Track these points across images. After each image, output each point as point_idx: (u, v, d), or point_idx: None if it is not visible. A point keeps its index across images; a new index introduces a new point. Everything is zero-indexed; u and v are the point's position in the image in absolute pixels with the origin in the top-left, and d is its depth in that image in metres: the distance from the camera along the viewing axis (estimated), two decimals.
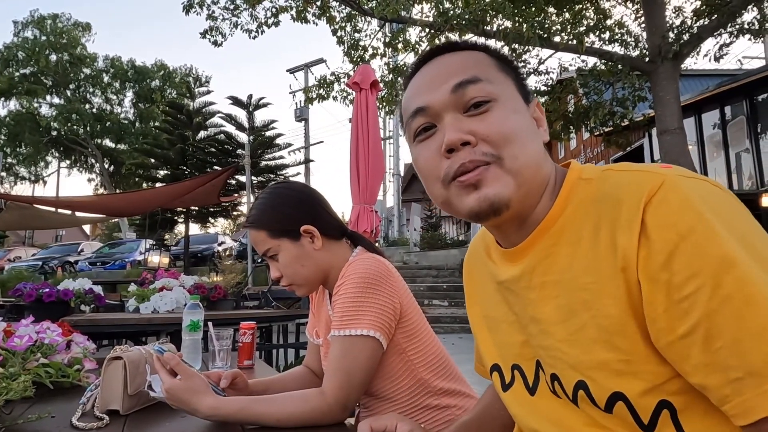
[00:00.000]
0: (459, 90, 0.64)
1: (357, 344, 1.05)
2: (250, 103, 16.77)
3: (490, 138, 0.62)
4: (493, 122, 0.63)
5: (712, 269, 0.50)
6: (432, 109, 0.66)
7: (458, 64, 0.67)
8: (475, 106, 0.64)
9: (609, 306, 0.57)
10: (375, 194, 4.44)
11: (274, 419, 0.97)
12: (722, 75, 11.96)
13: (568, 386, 0.63)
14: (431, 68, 0.69)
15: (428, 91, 0.67)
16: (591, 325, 0.59)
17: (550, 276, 0.64)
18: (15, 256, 18.69)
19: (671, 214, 0.53)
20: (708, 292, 0.50)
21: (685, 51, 7.09)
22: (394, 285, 1.12)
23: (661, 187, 0.55)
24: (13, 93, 25.80)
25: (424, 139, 0.68)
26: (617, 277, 0.56)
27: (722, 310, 0.49)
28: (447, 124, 0.64)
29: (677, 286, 0.52)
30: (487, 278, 0.78)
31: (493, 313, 0.77)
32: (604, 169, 0.64)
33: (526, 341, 0.70)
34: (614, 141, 10.04)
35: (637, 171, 0.59)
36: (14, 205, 9.76)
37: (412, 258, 13.93)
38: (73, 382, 1.20)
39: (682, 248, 0.51)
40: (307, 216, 1.19)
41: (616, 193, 0.58)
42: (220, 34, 8.82)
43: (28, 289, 2.86)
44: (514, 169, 0.62)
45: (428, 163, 0.67)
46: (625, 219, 0.56)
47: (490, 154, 0.62)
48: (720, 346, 0.49)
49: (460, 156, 0.63)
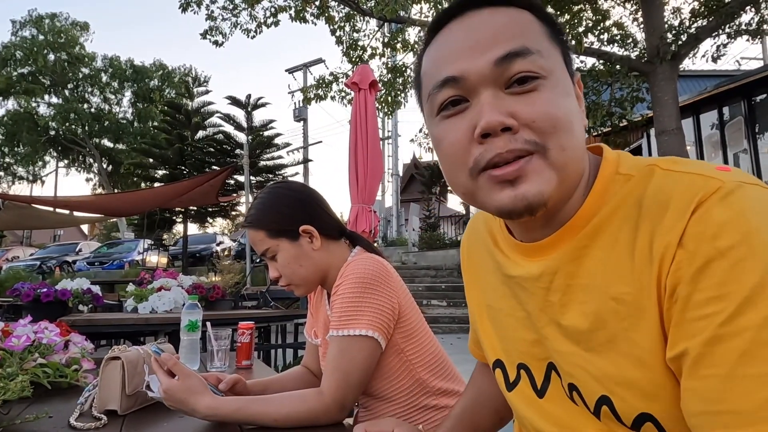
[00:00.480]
0: (504, 63, 0.53)
1: (355, 344, 1.05)
2: (249, 102, 16.77)
3: (537, 124, 0.52)
4: (541, 104, 0.53)
5: (740, 297, 0.44)
6: (468, 80, 0.54)
7: (504, 28, 0.55)
8: (520, 82, 0.53)
9: (646, 321, 0.51)
10: (374, 194, 4.44)
11: (272, 419, 0.97)
12: (720, 76, 11.99)
13: (589, 399, 0.58)
14: (468, 26, 0.56)
15: (464, 57, 0.55)
16: (622, 338, 0.53)
17: (579, 279, 0.57)
18: (13, 256, 18.66)
19: (716, 226, 0.46)
20: (723, 317, 0.44)
21: (683, 52, 7.10)
22: (393, 285, 1.12)
23: (714, 194, 0.48)
24: (11, 92, 25.76)
25: (451, 114, 0.56)
26: (652, 289, 0.50)
27: (729, 340, 0.44)
28: (485, 103, 0.53)
29: (696, 304, 0.46)
30: (491, 267, 0.72)
31: (498, 305, 0.71)
32: (648, 164, 0.56)
33: (537, 341, 0.64)
34: (613, 141, 10.05)
35: (690, 173, 0.51)
36: (12, 204, 9.74)
37: (411, 258, 13.94)
38: (71, 382, 1.20)
39: (716, 265, 0.45)
40: (306, 216, 1.19)
41: (662, 196, 0.51)
42: (220, 34, 8.81)
43: (25, 288, 2.86)
44: (560, 163, 0.53)
45: (455, 146, 0.56)
46: (667, 225, 0.49)
47: (534, 143, 0.52)
48: (711, 374, 0.45)
49: (497, 143, 0.53)
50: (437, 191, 20.67)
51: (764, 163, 9.55)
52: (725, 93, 9.78)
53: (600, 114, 8.43)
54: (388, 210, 23.28)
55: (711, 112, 10.50)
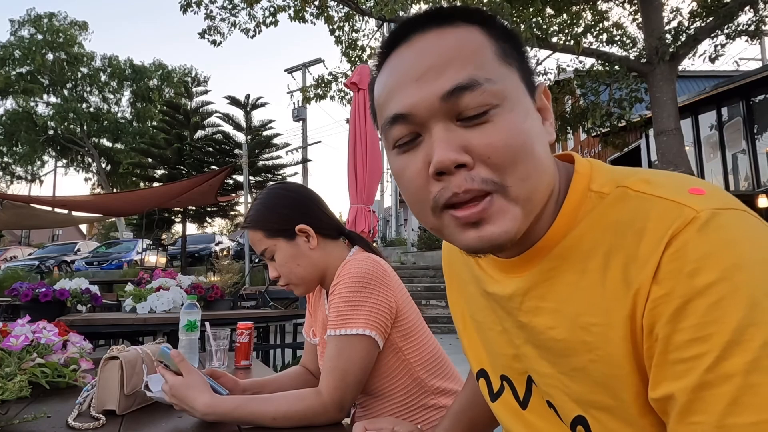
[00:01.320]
0: (452, 98, 0.50)
1: (352, 343, 1.06)
2: (248, 102, 16.77)
3: (492, 159, 0.50)
4: (496, 136, 0.50)
5: (724, 339, 0.42)
6: (417, 117, 0.52)
7: (450, 56, 0.52)
8: (471, 116, 0.51)
9: (613, 355, 0.50)
10: (372, 194, 4.44)
11: (270, 418, 0.97)
12: (719, 76, 12.01)
13: (565, 417, 0.58)
14: (414, 53, 0.53)
15: (411, 91, 0.52)
16: (592, 369, 0.52)
17: (547, 303, 0.56)
18: (11, 256, 18.63)
19: (693, 261, 0.44)
20: (708, 362, 0.42)
21: (682, 52, 7.12)
22: (390, 284, 1.13)
23: (689, 224, 0.46)
24: (9, 92, 25.71)
25: (406, 150, 0.54)
26: (624, 323, 0.49)
27: (717, 387, 0.42)
28: (436, 139, 0.51)
29: (677, 347, 0.44)
30: (471, 280, 0.71)
31: (480, 317, 0.70)
32: (619, 183, 0.53)
33: (516, 356, 0.64)
34: (611, 142, 10.06)
35: (663, 198, 0.49)
36: (11, 204, 9.73)
37: (410, 258, 13.94)
38: (70, 382, 1.20)
39: (696, 305, 0.43)
40: (302, 215, 1.19)
41: (636, 223, 0.49)
42: (218, 33, 8.81)
43: (24, 288, 2.85)
44: (523, 196, 0.51)
45: (413, 183, 0.54)
46: (641, 258, 0.47)
47: (491, 182, 0.50)
48: (699, 421, 0.43)
49: (454, 182, 0.50)
50: None
51: (762, 164, 9.57)
52: (724, 93, 9.79)
53: (599, 114, 8.44)
54: (387, 210, 23.29)
55: (710, 112, 10.52)
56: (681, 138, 7.04)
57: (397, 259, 14.18)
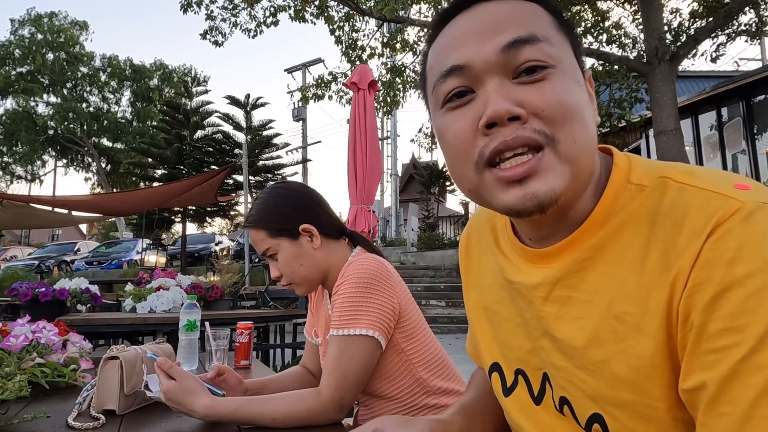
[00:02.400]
0: (511, 50, 0.51)
1: (355, 344, 1.05)
2: (248, 102, 16.77)
3: (546, 112, 0.50)
4: (551, 93, 0.50)
5: (760, 330, 0.41)
6: (473, 69, 0.52)
7: (510, 16, 0.53)
8: (529, 72, 0.51)
9: (645, 345, 0.49)
10: (372, 194, 4.44)
11: (270, 419, 0.97)
12: (719, 76, 12.01)
13: (581, 416, 0.56)
14: (473, 16, 0.54)
15: (470, 44, 0.52)
16: (619, 360, 0.51)
17: (578, 293, 0.55)
18: (11, 256, 18.63)
19: (734, 250, 0.44)
20: (742, 352, 0.42)
21: (682, 53, 7.11)
22: (393, 285, 1.13)
23: (734, 215, 0.45)
24: (9, 92, 25.71)
25: (456, 106, 0.54)
26: (660, 312, 0.48)
27: (748, 378, 0.42)
28: (491, 91, 0.51)
29: (711, 335, 0.44)
30: (492, 268, 0.70)
31: (496, 308, 0.69)
32: (661, 174, 0.53)
33: (533, 350, 0.62)
34: (611, 142, 10.07)
35: (707, 190, 0.48)
36: (10, 204, 9.73)
37: (410, 258, 13.95)
38: (69, 382, 1.20)
39: (733, 294, 0.43)
40: (305, 215, 1.19)
41: (676, 214, 0.48)
42: (220, 34, 8.81)
43: (24, 288, 2.85)
44: (572, 155, 0.50)
45: (459, 138, 0.53)
46: (681, 246, 0.47)
47: (543, 133, 0.50)
48: (728, 412, 0.43)
49: (504, 132, 0.50)
50: (436, 191, 20.69)
51: (762, 164, 9.57)
52: (724, 94, 9.79)
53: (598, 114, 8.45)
54: (387, 210, 23.29)
55: (710, 112, 10.51)
56: (681, 138, 7.04)
57: (397, 259, 14.18)
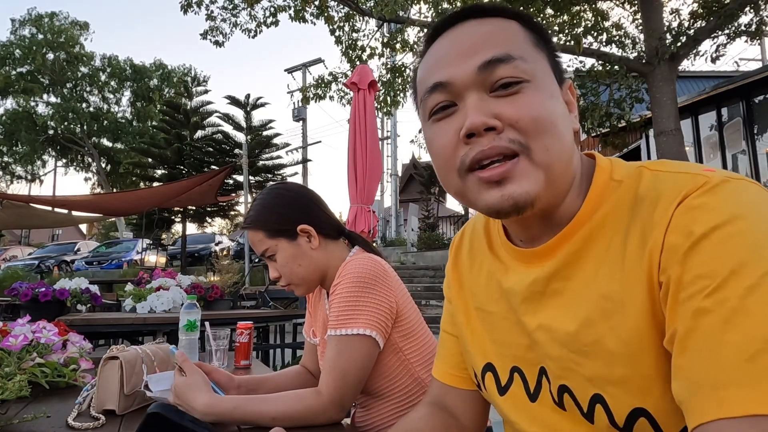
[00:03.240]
0: (488, 68, 0.56)
1: (353, 343, 1.06)
2: (248, 102, 16.77)
3: (520, 123, 0.55)
4: (525, 105, 0.55)
5: (726, 271, 0.45)
6: (454, 85, 0.58)
7: (488, 37, 0.58)
8: (504, 87, 0.56)
9: (630, 317, 0.52)
10: (372, 194, 4.44)
11: (270, 418, 0.97)
12: (719, 77, 12.00)
13: (582, 399, 0.58)
14: (455, 37, 0.60)
15: (451, 64, 0.58)
16: (610, 336, 0.54)
17: (571, 283, 0.59)
18: (11, 256, 18.63)
19: (702, 212, 0.48)
20: (707, 291, 0.46)
21: (682, 53, 7.11)
22: (390, 284, 1.13)
23: (700, 188, 0.50)
24: (9, 92, 25.71)
25: (441, 118, 0.60)
26: (642, 283, 0.52)
27: (712, 311, 0.45)
28: (470, 105, 0.56)
29: (685, 285, 0.47)
30: (485, 271, 0.73)
31: (491, 308, 0.71)
32: (637, 166, 0.59)
33: (530, 346, 0.65)
34: (611, 142, 10.05)
35: (677, 172, 0.54)
36: (10, 204, 9.73)
37: (410, 258, 13.94)
38: (69, 381, 1.20)
39: (702, 246, 0.47)
40: (304, 215, 1.19)
41: (652, 195, 0.53)
42: (220, 34, 8.80)
43: (24, 288, 2.85)
44: (545, 163, 0.55)
45: (444, 147, 0.59)
46: (656, 219, 0.51)
47: (518, 143, 0.55)
48: (697, 347, 0.46)
49: (482, 142, 0.55)
50: (436, 191, 20.68)
51: (762, 164, 9.57)
52: (724, 94, 9.79)
53: (598, 115, 8.43)
54: (387, 210, 23.29)
55: (710, 113, 10.51)
56: (681, 138, 7.04)
57: (397, 259, 14.18)
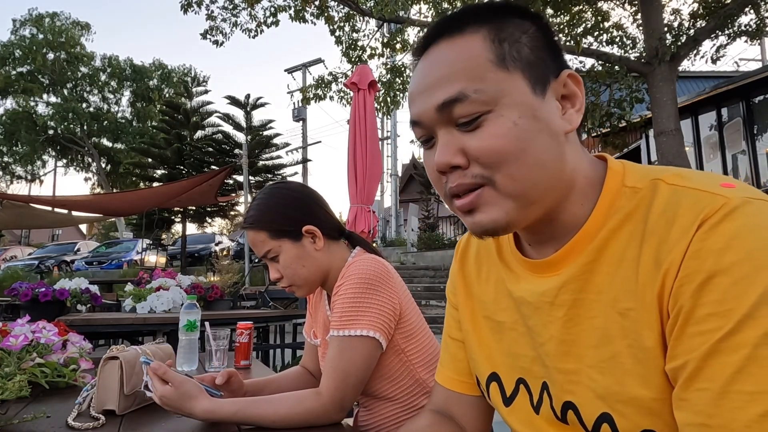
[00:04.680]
0: (444, 110, 0.57)
1: (355, 344, 1.05)
2: (248, 102, 16.78)
3: (482, 159, 0.56)
4: (486, 138, 0.55)
5: (740, 313, 0.44)
6: (425, 123, 0.60)
7: (446, 71, 0.57)
8: (465, 124, 0.56)
9: (646, 338, 0.52)
10: (372, 195, 4.44)
11: (270, 420, 0.97)
12: (719, 77, 12.00)
13: (588, 418, 0.58)
14: (423, 68, 0.61)
15: (417, 102, 0.60)
16: (626, 354, 0.54)
17: (586, 294, 0.58)
18: (11, 256, 18.63)
19: (720, 242, 0.47)
20: (722, 333, 0.45)
21: (682, 53, 7.10)
22: (394, 285, 1.12)
23: (719, 210, 0.48)
24: (9, 92, 25.69)
25: (427, 147, 0.63)
26: (654, 304, 0.51)
27: (727, 356, 0.45)
28: (439, 142, 0.59)
29: (697, 320, 0.47)
30: (493, 279, 0.73)
31: (501, 317, 0.71)
32: (654, 177, 0.56)
33: (536, 358, 0.64)
34: (611, 142, 10.05)
35: (695, 189, 0.52)
36: (10, 204, 9.73)
37: (410, 258, 13.94)
38: (69, 382, 1.20)
39: (718, 282, 0.46)
40: (308, 216, 1.18)
41: (668, 212, 0.52)
42: (220, 33, 8.80)
43: (23, 288, 2.85)
44: (514, 192, 0.56)
45: (432, 174, 0.61)
46: (672, 241, 0.50)
47: (481, 176, 0.56)
48: (705, 387, 0.46)
49: (452, 178, 0.58)
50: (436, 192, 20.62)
51: (762, 164, 9.57)
52: (724, 94, 9.78)
53: (598, 115, 8.43)
54: (387, 210, 23.29)
55: (710, 113, 10.51)
56: (681, 138, 7.03)
57: (397, 259, 14.17)
